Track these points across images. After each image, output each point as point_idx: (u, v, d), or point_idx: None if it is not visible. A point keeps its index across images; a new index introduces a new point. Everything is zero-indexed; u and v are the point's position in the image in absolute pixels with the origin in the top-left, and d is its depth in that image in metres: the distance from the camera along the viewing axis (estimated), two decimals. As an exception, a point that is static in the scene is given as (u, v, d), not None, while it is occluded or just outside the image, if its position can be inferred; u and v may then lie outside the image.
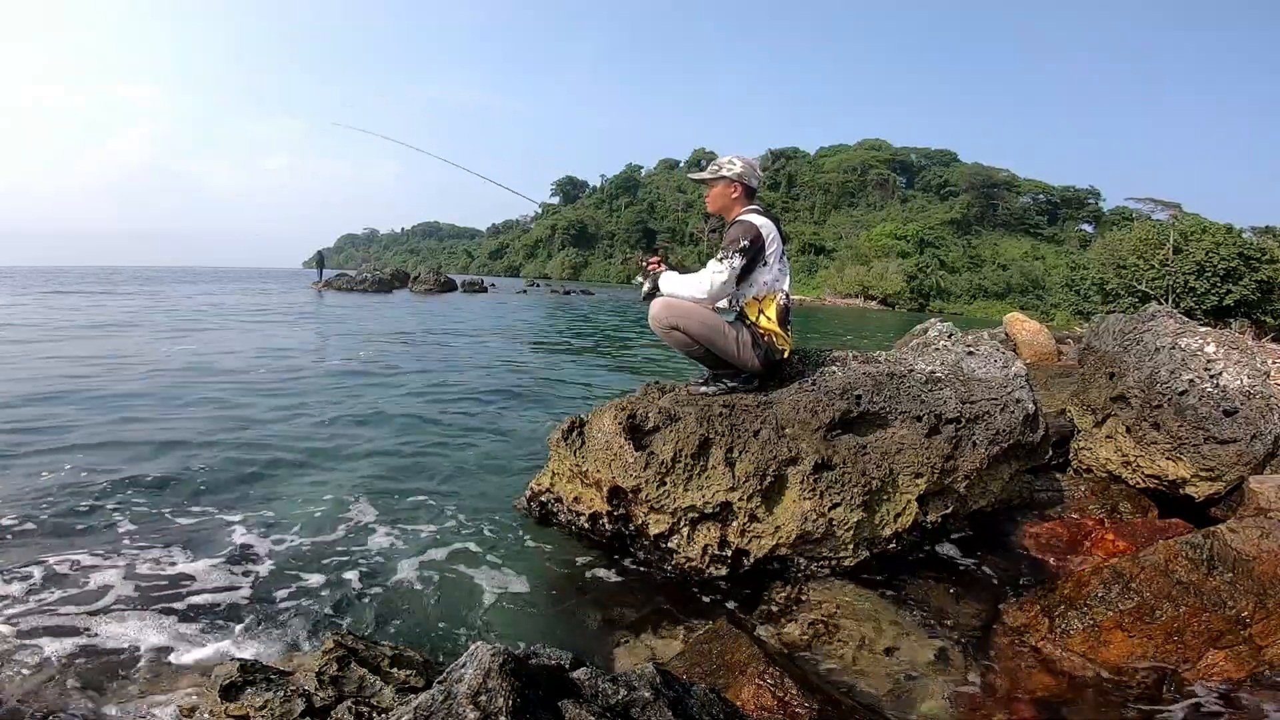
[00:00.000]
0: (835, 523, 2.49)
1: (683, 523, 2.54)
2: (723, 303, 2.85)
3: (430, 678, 1.51)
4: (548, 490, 2.99)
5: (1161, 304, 4.32)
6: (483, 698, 1.03)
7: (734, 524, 2.51)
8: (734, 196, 2.83)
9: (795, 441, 2.56)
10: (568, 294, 37.27)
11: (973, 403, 2.79)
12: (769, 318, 2.78)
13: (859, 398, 2.69)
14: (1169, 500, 3.33)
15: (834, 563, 2.52)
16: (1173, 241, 23.11)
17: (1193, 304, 21.71)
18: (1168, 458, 3.26)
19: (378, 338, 10.92)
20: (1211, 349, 3.39)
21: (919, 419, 2.68)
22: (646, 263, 2.96)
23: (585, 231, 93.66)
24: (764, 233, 2.71)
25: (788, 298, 2.85)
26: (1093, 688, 1.94)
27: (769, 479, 2.50)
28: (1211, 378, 3.27)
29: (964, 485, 2.69)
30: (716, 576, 2.53)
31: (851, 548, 2.52)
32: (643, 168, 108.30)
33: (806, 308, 41.11)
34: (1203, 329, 3.61)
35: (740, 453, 2.53)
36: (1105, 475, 3.55)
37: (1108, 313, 10.60)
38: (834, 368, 2.89)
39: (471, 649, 1.14)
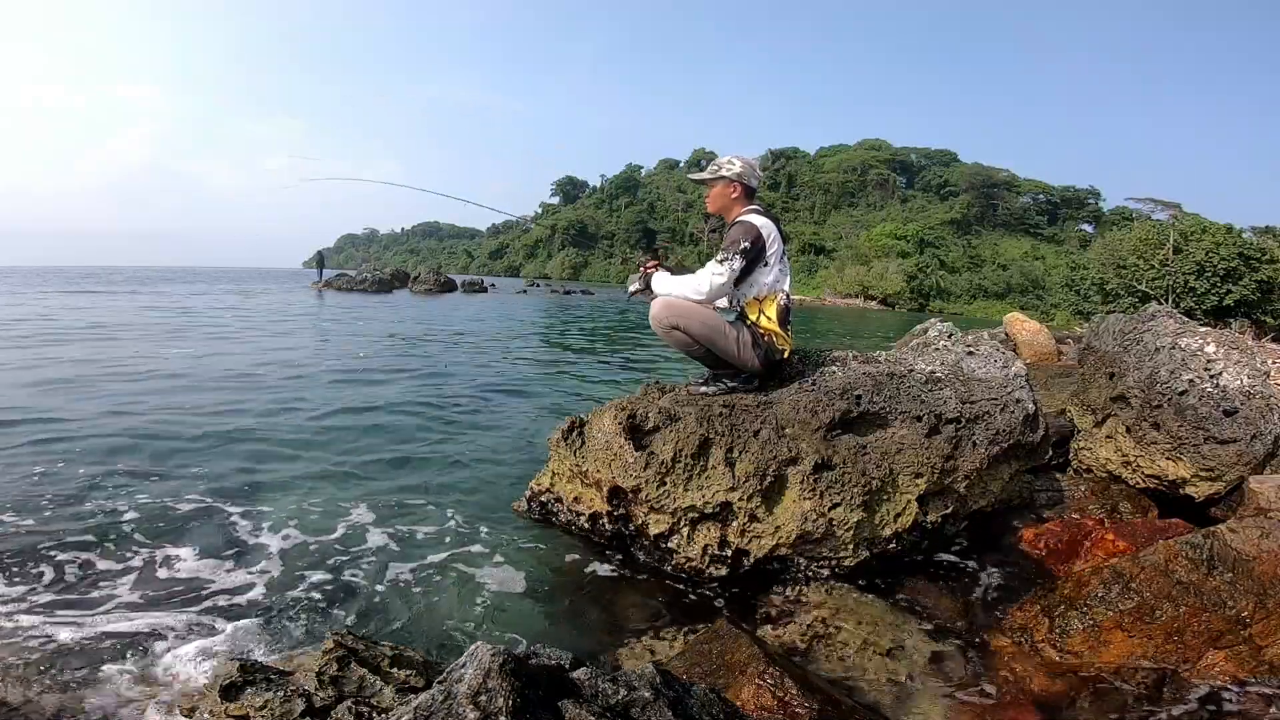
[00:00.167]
0: (835, 523, 2.49)
1: (683, 523, 2.54)
2: (723, 302, 2.85)
3: (430, 678, 1.51)
4: (548, 490, 2.99)
5: (1161, 304, 4.32)
6: (483, 698, 1.03)
7: (734, 524, 2.51)
8: (733, 196, 2.83)
9: (795, 441, 2.56)
10: (568, 294, 37.28)
11: (973, 403, 2.79)
12: (769, 318, 2.78)
13: (859, 398, 2.69)
14: (1169, 500, 3.33)
15: (834, 563, 2.52)
16: (1173, 241, 23.11)
17: (1193, 304, 21.72)
18: (1168, 458, 3.26)
19: (377, 338, 10.92)
20: (1211, 349, 3.39)
21: (919, 419, 2.68)
22: (642, 267, 2.98)
23: (585, 231, 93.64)
24: (764, 233, 2.71)
25: (788, 298, 2.85)
26: (1093, 688, 1.94)
27: (769, 479, 2.50)
28: (1211, 378, 3.27)
29: (964, 485, 2.69)
30: (716, 576, 2.53)
31: (851, 548, 2.52)
32: (643, 168, 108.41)
33: (806, 308, 41.11)
34: (1203, 329, 3.61)
35: (740, 453, 2.53)
36: (1105, 475, 3.55)
37: (1108, 313, 10.60)
38: (834, 368, 2.89)
39: (471, 649, 1.14)
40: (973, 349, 3.11)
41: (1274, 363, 4.63)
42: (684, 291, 2.74)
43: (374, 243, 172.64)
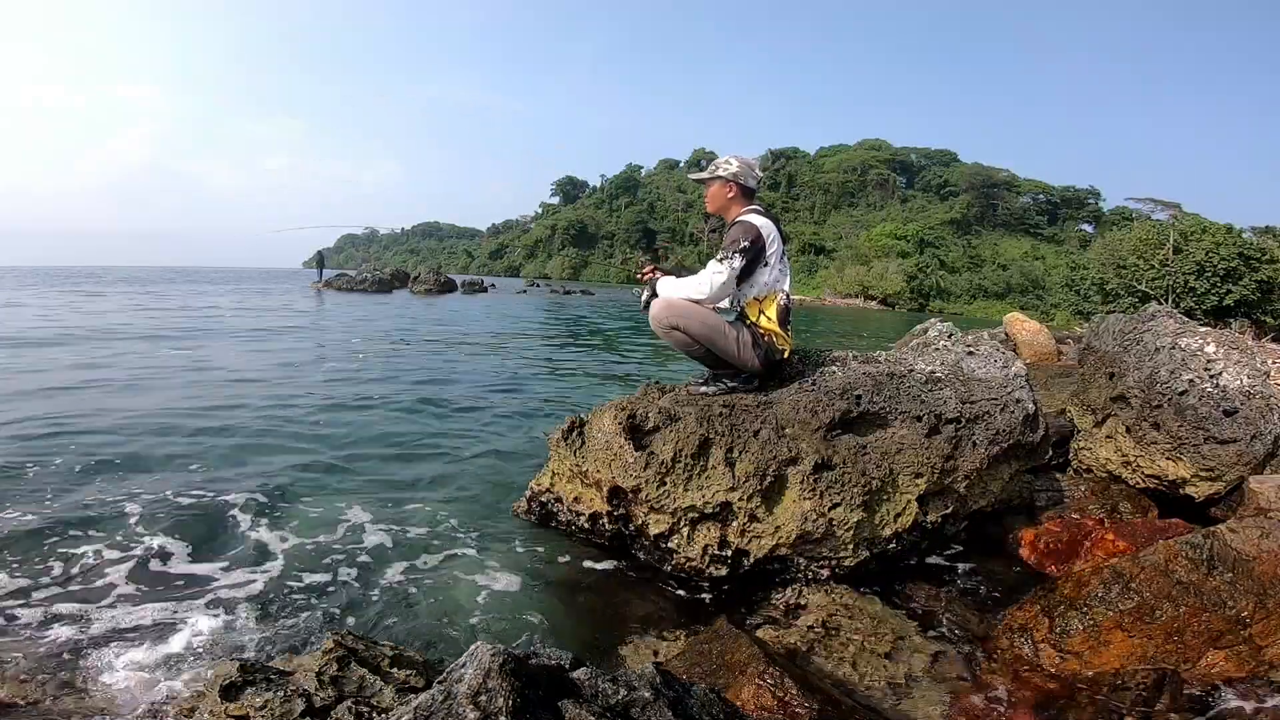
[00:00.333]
0: (835, 523, 2.49)
1: (683, 523, 2.53)
2: (724, 303, 2.85)
3: (430, 678, 1.51)
4: (548, 490, 2.99)
5: (1161, 304, 4.32)
6: (483, 698, 1.03)
7: (734, 524, 2.51)
8: (730, 196, 2.84)
9: (795, 441, 2.56)
10: (568, 294, 37.28)
11: (973, 403, 2.79)
12: (769, 318, 2.78)
13: (859, 398, 2.69)
14: (1169, 500, 3.33)
15: (834, 563, 2.52)
16: (1173, 241, 23.10)
17: (1193, 304, 21.71)
18: (1168, 458, 3.26)
19: (377, 338, 10.92)
20: (1211, 349, 3.39)
21: (919, 419, 2.68)
22: (640, 274, 2.99)
23: (585, 231, 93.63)
24: (764, 233, 2.71)
25: (788, 298, 2.85)
26: (1092, 688, 1.94)
27: (769, 479, 2.50)
28: (1211, 378, 3.27)
29: (964, 485, 2.69)
30: (716, 576, 2.53)
31: (851, 548, 2.52)
32: (643, 168, 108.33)
33: (806, 308, 41.10)
34: (1203, 329, 3.61)
35: (740, 453, 2.53)
36: (1105, 475, 3.55)
37: (1108, 313, 10.60)
38: (834, 368, 2.89)
39: (471, 649, 1.14)
40: (973, 349, 3.11)
41: (1274, 363, 4.63)
42: (687, 293, 2.74)
43: (374, 243, 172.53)
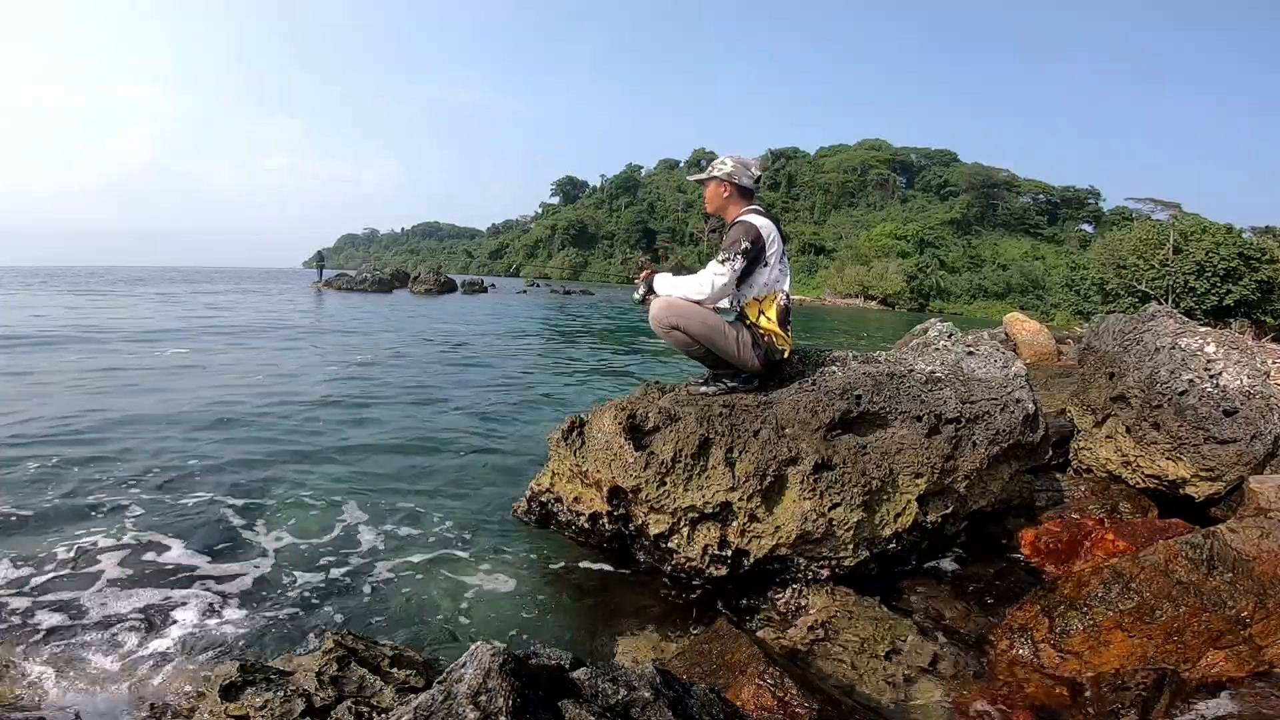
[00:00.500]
0: (835, 523, 2.49)
1: (683, 523, 2.53)
2: (723, 303, 2.85)
3: (430, 678, 1.51)
4: (547, 490, 2.99)
5: (1161, 304, 4.32)
6: (483, 698, 1.03)
7: (734, 524, 2.51)
8: (726, 196, 2.84)
9: (795, 441, 2.56)
10: (568, 294, 37.28)
11: (973, 403, 2.79)
12: (769, 318, 2.78)
13: (859, 398, 2.69)
14: (1169, 500, 3.32)
15: (834, 563, 2.52)
16: (1173, 241, 23.09)
17: (1193, 304, 21.70)
18: (1168, 458, 3.26)
19: (376, 338, 10.92)
20: (1211, 349, 3.39)
21: (919, 419, 2.68)
22: (636, 277, 2.99)
23: (585, 231, 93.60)
24: (764, 234, 2.71)
25: (788, 298, 2.84)
26: (1092, 688, 1.94)
27: (769, 479, 2.50)
28: (1211, 378, 3.27)
29: (964, 485, 2.69)
30: (716, 576, 2.53)
31: (851, 548, 2.51)
32: (643, 168, 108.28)
33: (806, 308, 41.11)
34: (1203, 329, 3.61)
35: (740, 453, 2.53)
36: (1105, 475, 3.55)
37: (1108, 313, 10.60)
38: (834, 368, 2.89)
39: (471, 649, 1.14)
40: (973, 349, 3.11)
41: (1274, 363, 4.63)
42: (686, 292, 2.74)
43: (374, 243, 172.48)
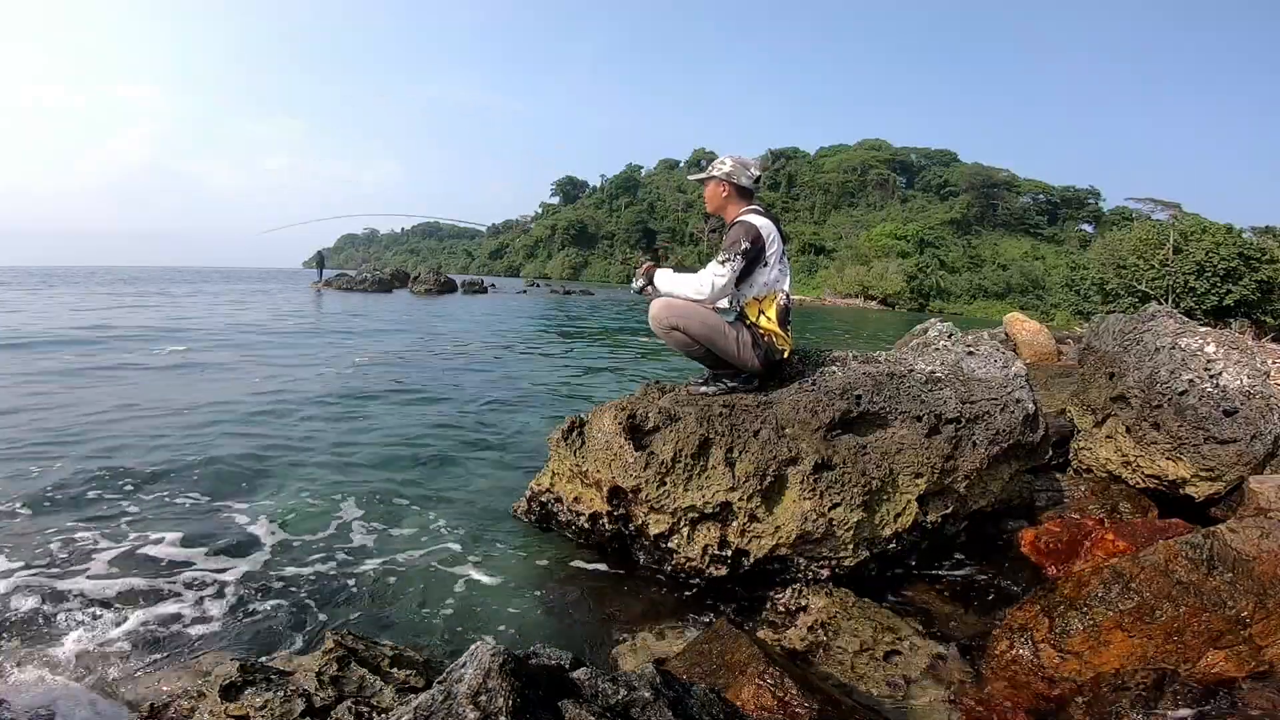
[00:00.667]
0: (835, 523, 2.49)
1: (683, 523, 2.53)
2: (723, 303, 2.85)
3: (430, 678, 1.51)
4: (548, 490, 2.99)
5: (1161, 304, 4.32)
6: (483, 698, 1.03)
7: (734, 524, 2.51)
8: (724, 195, 2.84)
9: (795, 441, 2.56)
10: (568, 294, 37.29)
11: (973, 403, 2.79)
12: (769, 318, 2.78)
13: (859, 398, 2.69)
14: (1169, 500, 3.32)
15: (834, 563, 2.52)
16: (1173, 241, 23.08)
17: (1193, 304, 21.69)
18: (1168, 458, 3.26)
19: (376, 338, 10.92)
20: (1211, 349, 3.39)
21: (919, 419, 2.68)
22: (640, 268, 2.99)
23: (585, 231, 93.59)
24: (764, 234, 2.71)
25: (788, 298, 2.85)
26: (1092, 688, 1.94)
27: (769, 479, 2.50)
28: (1211, 378, 3.27)
29: (964, 485, 2.69)
30: (716, 577, 2.53)
31: (851, 548, 2.52)
32: (643, 168, 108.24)
33: (806, 308, 41.10)
34: (1203, 329, 3.61)
35: (740, 453, 2.53)
36: (1105, 475, 3.55)
37: (1108, 313, 10.59)
38: (834, 368, 2.89)
39: (471, 649, 1.14)
40: (973, 349, 3.11)
41: (1274, 363, 4.63)
42: (685, 291, 2.74)
43: (374, 243, 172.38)
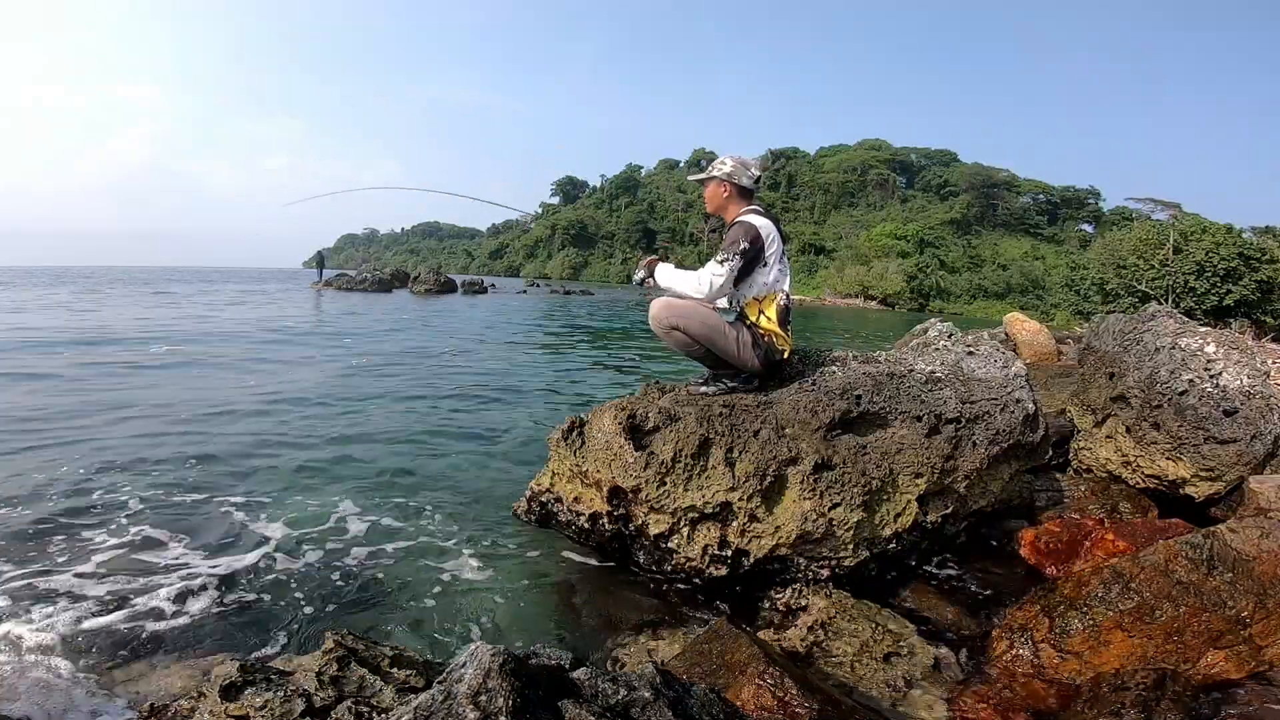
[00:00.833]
0: (835, 523, 2.49)
1: (683, 523, 2.53)
2: (723, 302, 2.85)
3: (430, 678, 1.51)
4: (547, 490, 2.99)
5: (1161, 304, 4.32)
6: (483, 698, 1.03)
7: (734, 524, 2.51)
8: (726, 196, 2.84)
9: (795, 441, 2.56)
10: (568, 294, 37.28)
11: (973, 403, 2.79)
12: (769, 318, 2.78)
13: (859, 398, 2.69)
14: (1169, 500, 3.32)
15: (834, 563, 2.52)
16: (1173, 241, 23.08)
17: (1193, 304, 21.69)
18: (1168, 458, 3.26)
19: (376, 338, 10.92)
20: (1211, 349, 3.39)
21: (919, 419, 2.68)
22: (642, 260, 2.98)
23: (585, 231, 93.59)
24: (764, 234, 2.71)
25: (788, 298, 2.84)
26: (1092, 688, 1.94)
27: (769, 479, 2.50)
28: (1211, 378, 3.27)
29: (964, 485, 2.69)
30: (716, 577, 2.53)
31: (851, 548, 2.51)
32: (643, 168, 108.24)
33: (806, 308, 41.11)
34: (1203, 329, 3.61)
35: (740, 453, 2.53)
36: (1105, 475, 3.55)
37: (1108, 313, 10.59)
38: (834, 368, 2.89)
39: (471, 649, 1.14)
40: (973, 349, 3.11)
41: (1274, 363, 4.63)
42: (684, 288, 2.74)
43: (374, 243, 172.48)
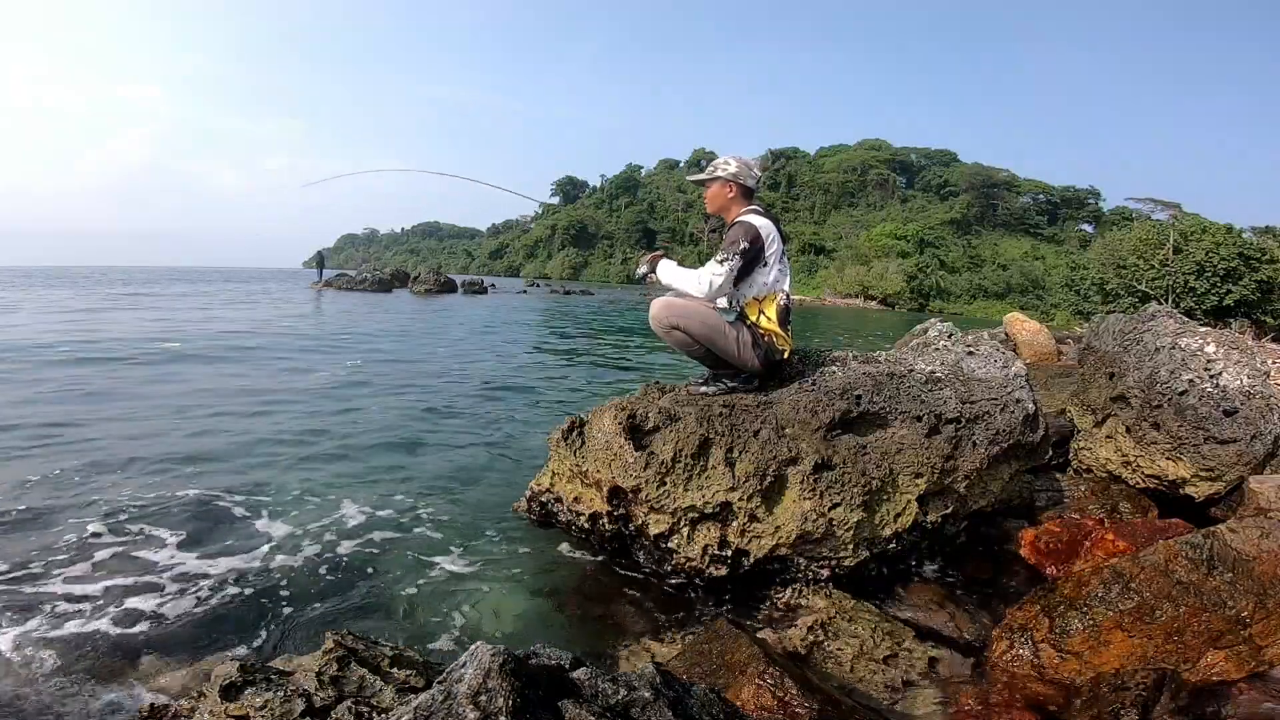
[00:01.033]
0: (835, 523, 2.49)
1: (683, 523, 2.53)
2: (723, 302, 2.85)
3: (430, 678, 1.51)
4: (548, 490, 2.99)
5: (1161, 304, 4.32)
6: (483, 698, 1.03)
7: (734, 524, 2.51)
8: (730, 196, 2.84)
9: (795, 441, 2.56)
10: (568, 294, 37.28)
11: (973, 403, 2.79)
12: (769, 318, 2.78)
13: (859, 398, 2.69)
14: (1169, 500, 3.32)
15: (834, 563, 2.52)
16: (1173, 241, 23.08)
17: (1193, 304, 21.69)
18: (1168, 458, 3.26)
19: (375, 339, 10.92)
20: (1211, 349, 3.39)
21: (919, 419, 2.68)
22: (645, 255, 2.98)
23: (585, 231, 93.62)
24: (763, 234, 2.71)
25: (788, 298, 2.84)
26: (1092, 688, 1.94)
27: (769, 479, 2.50)
28: (1211, 378, 3.27)
29: (964, 485, 2.69)
30: (716, 577, 2.53)
31: (851, 548, 2.51)
32: (643, 168, 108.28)
33: (806, 308, 41.11)
34: (1203, 329, 3.61)
35: (740, 453, 2.53)
36: (1105, 475, 3.55)
37: (1108, 313, 10.59)
38: (834, 368, 2.89)
39: (471, 649, 1.14)
40: (973, 349, 3.11)
41: (1274, 363, 4.63)
42: (684, 285, 2.74)
43: (374, 243, 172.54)
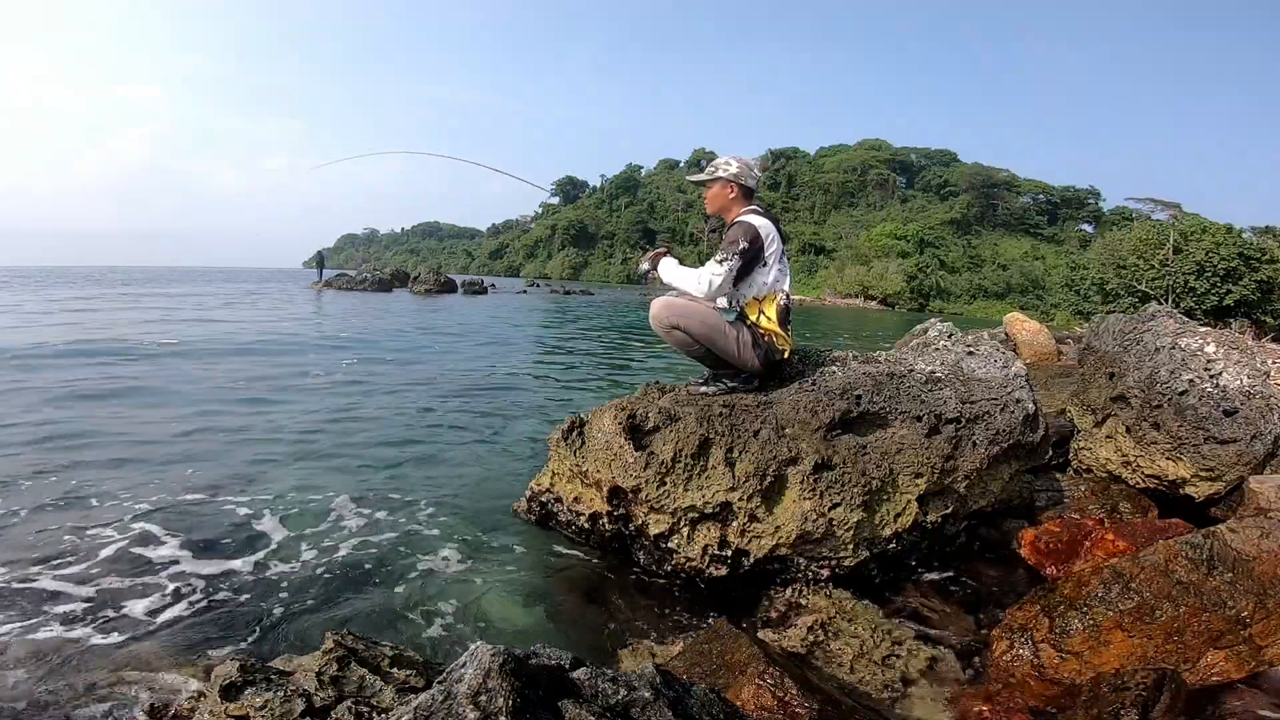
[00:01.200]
0: (835, 523, 2.49)
1: (683, 523, 2.53)
2: (723, 302, 2.85)
3: (430, 678, 1.51)
4: (548, 490, 2.99)
5: (1161, 304, 4.32)
6: (483, 698, 1.03)
7: (734, 524, 2.51)
8: (731, 197, 2.84)
9: (795, 441, 2.56)
10: (568, 294, 37.28)
11: (973, 403, 2.79)
12: (769, 318, 2.78)
13: (859, 398, 2.69)
14: (1169, 500, 3.32)
15: (834, 563, 2.52)
16: (1173, 241, 23.08)
17: (1193, 304, 21.68)
18: (1168, 458, 3.26)
19: (375, 339, 10.92)
20: (1211, 349, 3.39)
21: (919, 419, 2.68)
22: (648, 253, 2.97)
23: (585, 231, 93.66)
24: (763, 234, 2.71)
25: (788, 298, 2.84)
26: (1092, 688, 1.94)
27: (769, 479, 2.50)
28: (1211, 378, 3.27)
29: (964, 485, 2.69)
30: (716, 577, 2.53)
31: (851, 548, 2.51)
32: (643, 168, 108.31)
33: (806, 308, 41.11)
34: (1203, 329, 3.60)
35: (740, 453, 2.53)
36: (1105, 475, 3.55)
37: (1108, 313, 10.58)
38: (834, 368, 2.89)
39: (471, 649, 1.14)
40: (973, 349, 3.11)
41: (1274, 363, 4.63)
42: (684, 284, 2.75)
43: (374, 243, 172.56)
